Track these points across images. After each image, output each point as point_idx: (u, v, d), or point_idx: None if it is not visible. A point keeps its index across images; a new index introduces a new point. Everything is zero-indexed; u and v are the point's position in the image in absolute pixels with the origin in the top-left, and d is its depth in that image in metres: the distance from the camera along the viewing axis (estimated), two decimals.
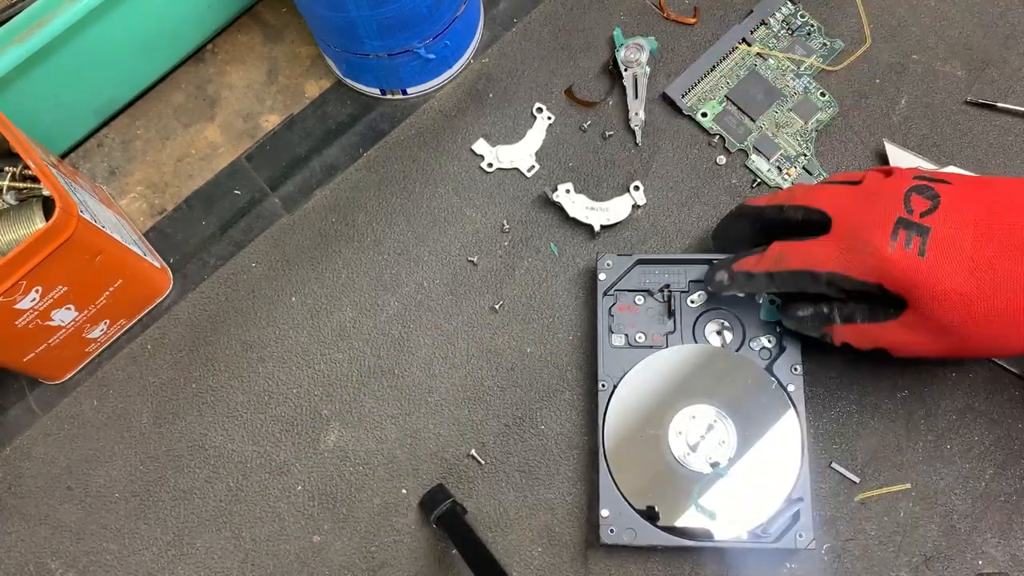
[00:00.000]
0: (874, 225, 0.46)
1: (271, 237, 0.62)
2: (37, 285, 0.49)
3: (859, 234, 0.46)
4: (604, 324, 0.56)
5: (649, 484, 0.53)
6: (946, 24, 0.63)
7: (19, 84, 0.55)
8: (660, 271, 0.57)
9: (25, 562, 0.56)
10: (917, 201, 0.46)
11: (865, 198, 0.48)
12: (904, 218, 0.46)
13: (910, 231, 0.45)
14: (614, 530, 0.52)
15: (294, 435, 0.58)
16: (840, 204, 0.48)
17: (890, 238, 0.45)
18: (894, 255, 0.45)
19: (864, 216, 0.47)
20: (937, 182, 0.47)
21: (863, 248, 0.46)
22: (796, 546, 0.51)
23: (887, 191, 0.47)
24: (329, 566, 0.55)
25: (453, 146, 0.63)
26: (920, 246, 0.45)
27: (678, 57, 0.64)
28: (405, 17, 0.55)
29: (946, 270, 0.45)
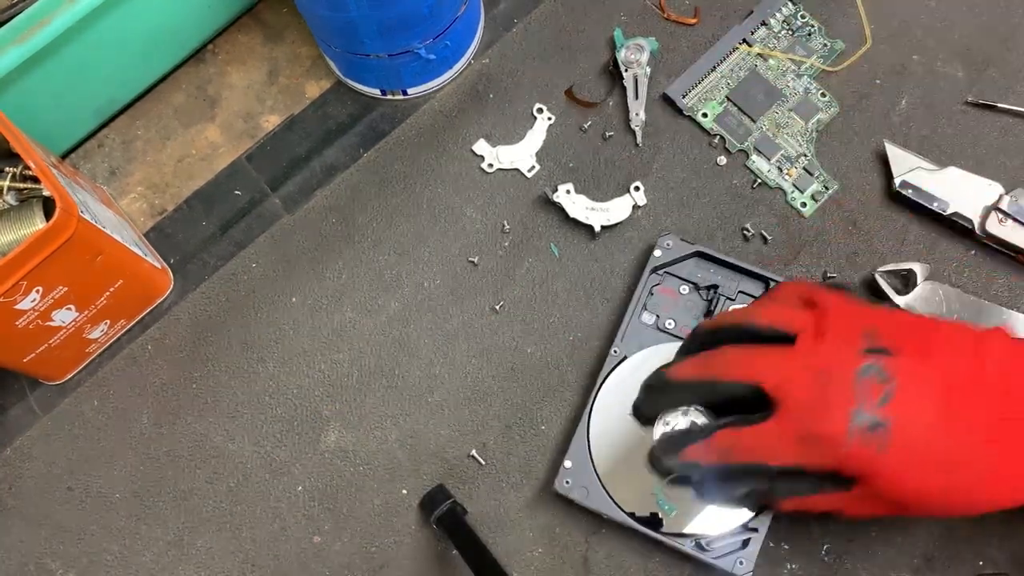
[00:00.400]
0: (829, 418, 0.43)
1: (271, 237, 0.62)
2: (37, 285, 0.49)
3: (813, 426, 0.43)
4: (641, 298, 0.56)
5: (620, 457, 0.53)
6: (946, 25, 0.63)
7: (20, 84, 0.55)
8: (715, 270, 0.57)
9: (25, 562, 0.56)
10: (870, 387, 0.43)
11: (812, 378, 0.44)
12: (859, 410, 0.43)
13: (868, 426, 0.43)
14: (569, 482, 0.53)
15: (294, 435, 0.58)
16: (784, 381, 0.45)
17: (847, 434, 0.43)
18: (852, 451, 0.43)
19: (816, 402, 0.44)
20: (883, 354, 0.44)
21: (818, 442, 0.43)
22: (732, 571, 0.51)
23: (835, 370, 0.44)
24: (329, 566, 0.55)
25: (453, 146, 0.63)
26: (880, 442, 0.43)
27: (678, 57, 0.64)
28: (405, 17, 0.55)
29: (906, 464, 0.43)
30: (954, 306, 0.56)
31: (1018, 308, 0.56)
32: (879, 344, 0.45)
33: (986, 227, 0.57)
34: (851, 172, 0.60)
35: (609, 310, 0.59)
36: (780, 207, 0.60)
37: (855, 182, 0.60)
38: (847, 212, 0.60)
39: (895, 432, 0.43)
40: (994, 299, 0.57)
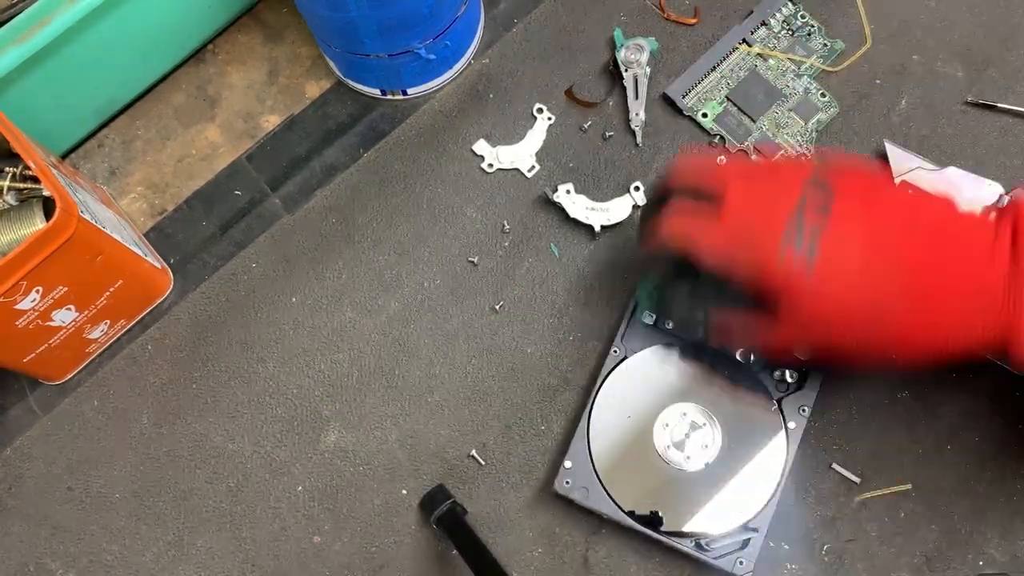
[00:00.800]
0: (766, 229, 0.45)
1: (271, 237, 0.62)
2: (37, 285, 0.49)
3: (751, 232, 0.46)
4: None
5: (620, 457, 0.54)
6: (946, 25, 0.63)
7: (20, 84, 0.55)
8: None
9: (25, 562, 0.56)
10: (808, 214, 0.45)
11: (758, 190, 0.47)
12: (795, 232, 0.45)
13: (797, 245, 0.45)
14: (569, 482, 0.53)
15: (294, 435, 0.58)
16: (732, 183, 0.47)
17: (779, 249, 0.45)
18: (782, 268, 0.45)
19: (756, 216, 0.46)
20: (827, 191, 0.46)
21: (753, 249, 0.46)
22: (732, 570, 0.51)
23: (783, 181, 0.47)
24: (329, 566, 0.55)
25: (453, 146, 0.63)
26: (807, 262, 0.45)
27: (678, 57, 0.64)
28: (405, 17, 0.55)
29: (827, 288, 0.45)
30: None
31: None
32: (824, 180, 0.47)
33: None
34: None
35: (609, 310, 0.59)
36: None
37: None
38: None
39: (822, 257, 0.45)
40: None
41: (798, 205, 0.45)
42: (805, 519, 0.54)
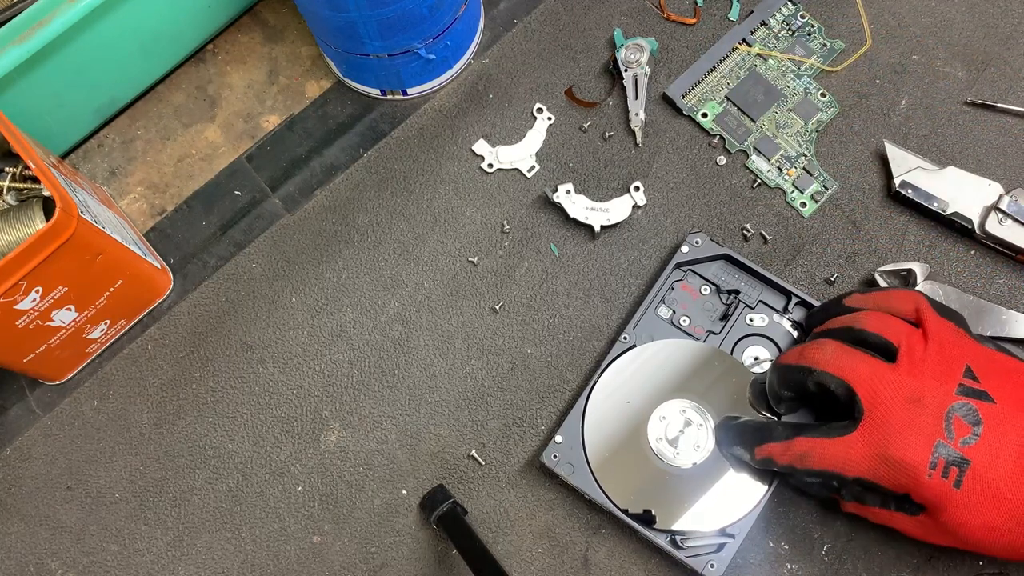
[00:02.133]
0: (912, 445, 0.45)
1: (271, 237, 0.62)
2: (37, 285, 0.49)
3: (895, 451, 0.45)
4: (659, 292, 0.57)
5: (610, 443, 0.54)
6: (946, 25, 0.63)
7: (19, 84, 0.55)
8: (739, 276, 0.57)
9: (25, 562, 0.56)
10: (959, 424, 0.45)
11: (905, 402, 0.45)
12: (944, 443, 0.44)
13: (949, 461, 0.44)
14: (557, 456, 0.53)
15: (294, 436, 0.58)
16: (876, 395, 0.46)
17: (928, 464, 0.44)
18: (931, 482, 0.44)
19: (903, 429, 0.45)
20: (980, 398, 0.45)
21: (898, 467, 0.45)
22: (702, 572, 0.51)
23: (929, 400, 0.45)
24: (329, 567, 0.55)
25: (453, 146, 0.63)
26: (957, 477, 0.44)
27: (678, 57, 0.64)
28: (405, 17, 0.55)
29: (979, 505, 0.44)
30: (953, 306, 0.56)
31: (1018, 308, 0.56)
32: (977, 386, 0.46)
33: (986, 227, 0.57)
34: (851, 172, 0.61)
35: (609, 310, 0.59)
36: (780, 207, 0.60)
37: (855, 182, 0.60)
38: (847, 212, 0.60)
39: (974, 472, 0.44)
40: (994, 299, 0.57)
41: (944, 421, 0.45)
42: (805, 519, 0.54)
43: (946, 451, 0.44)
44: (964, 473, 0.44)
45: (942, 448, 0.44)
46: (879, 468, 0.45)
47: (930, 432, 0.45)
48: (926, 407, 0.45)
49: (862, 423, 0.46)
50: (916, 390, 0.46)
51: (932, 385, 0.46)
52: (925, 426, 0.45)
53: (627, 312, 0.58)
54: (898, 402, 0.45)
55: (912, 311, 0.49)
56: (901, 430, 0.45)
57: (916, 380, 0.46)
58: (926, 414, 0.45)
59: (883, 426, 0.45)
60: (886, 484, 0.46)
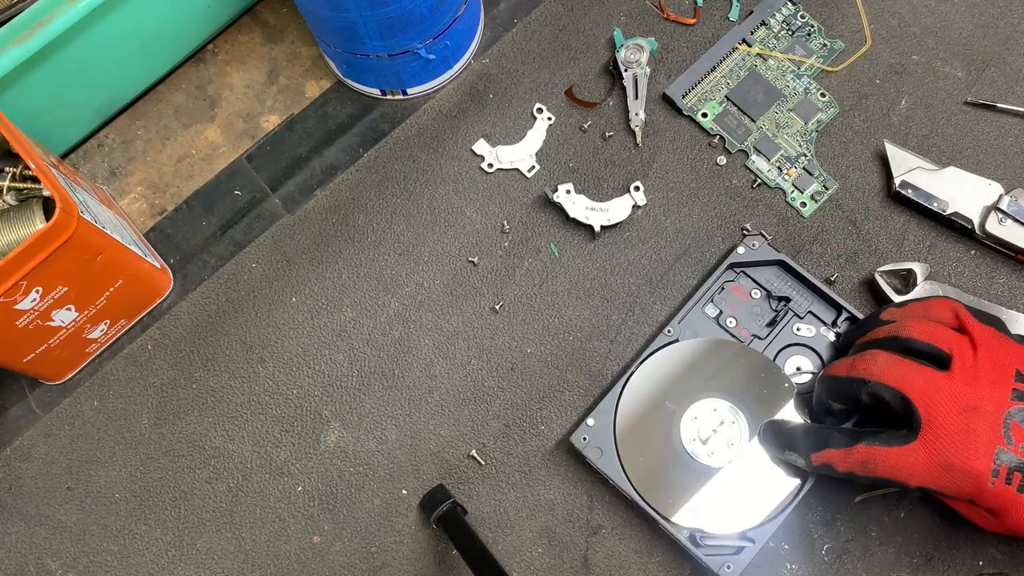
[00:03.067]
0: (973, 452, 0.45)
1: (271, 237, 0.62)
2: (37, 285, 0.49)
3: (956, 459, 0.45)
4: (710, 290, 0.57)
5: (641, 432, 0.54)
6: (946, 25, 0.63)
7: (19, 84, 0.55)
8: (791, 284, 0.57)
9: (25, 562, 0.56)
10: (1017, 430, 0.45)
11: (961, 409, 0.46)
12: (1004, 450, 0.45)
13: (1011, 467, 0.44)
14: (587, 439, 0.54)
15: (294, 436, 0.58)
16: (933, 406, 0.46)
17: (991, 472, 0.45)
18: (994, 489, 0.45)
19: (961, 437, 0.45)
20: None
21: (960, 475, 0.45)
22: (718, 571, 0.51)
23: (985, 406, 0.45)
24: (329, 567, 0.55)
25: (453, 146, 0.63)
26: (1021, 482, 0.44)
27: (678, 57, 0.64)
28: (405, 17, 0.55)
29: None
30: None
31: (1018, 308, 0.57)
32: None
33: (986, 227, 0.57)
34: (851, 172, 0.61)
35: (609, 310, 0.59)
36: (780, 207, 0.60)
37: (855, 182, 0.60)
38: (847, 212, 0.60)
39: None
40: (994, 299, 0.57)
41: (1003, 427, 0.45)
42: (805, 519, 0.54)
43: (1008, 457, 0.44)
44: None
45: (1004, 455, 0.45)
46: (941, 477, 0.46)
47: (990, 439, 0.45)
48: (984, 414, 0.45)
49: (922, 433, 0.46)
50: (972, 398, 0.46)
51: (987, 392, 0.46)
52: (984, 433, 0.45)
53: (627, 312, 0.58)
54: (955, 410, 0.46)
55: (952, 317, 0.50)
56: (961, 438, 0.45)
57: (971, 387, 0.46)
58: (984, 421, 0.45)
59: (943, 435, 0.46)
60: (949, 491, 0.46)
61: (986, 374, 0.46)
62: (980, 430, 0.45)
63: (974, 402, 0.46)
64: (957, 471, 0.45)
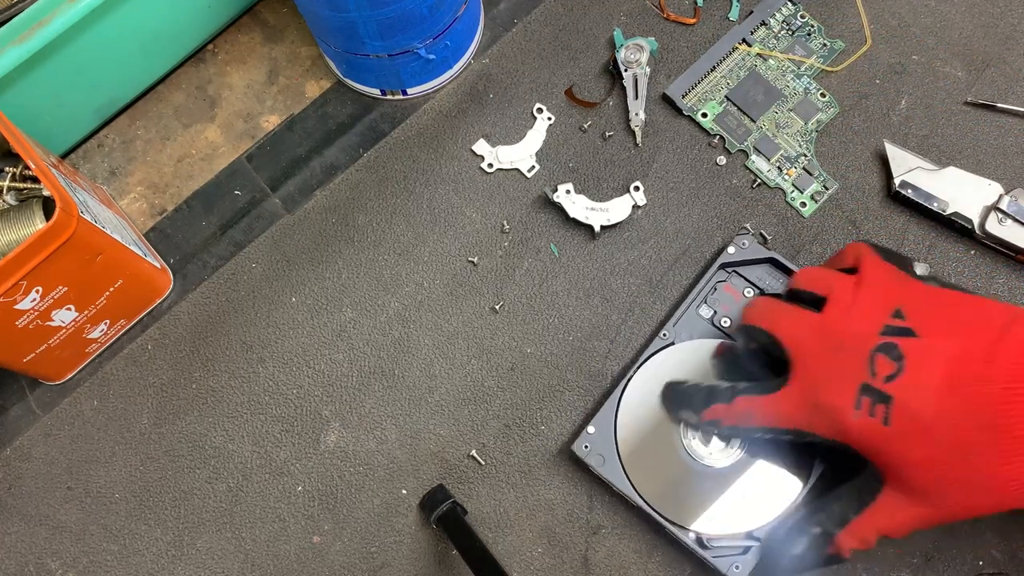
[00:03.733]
0: (837, 389, 0.45)
1: (271, 237, 0.62)
2: (37, 285, 0.49)
3: (821, 396, 0.45)
4: (703, 292, 0.57)
5: (642, 438, 0.54)
6: (946, 25, 0.63)
7: (19, 84, 0.55)
8: (783, 281, 0.57)
9: (25, 562, 0.56)
10: (882, 363, 0.44)
11: (828, 348, 0.46)
12: (868, 384, 0.44)
13: (873, 399, 0.44)
14: (588, 447, 0.54)
15: (294, 435, 0.58)
16: (802, 345, 0.46)
17: (853, 405, 0.44)
18: (857, 423, 0.44)
19: (826, 374, 0.45)
20: (904, 334, 0.45)
21: (826, 412, 0.45)
22: (726, 572, 0.51)
23: (852, 344, 0.45)
24: (329, 567, 0.55)
25: (453, 146, 0.63)
26: (884, 414, 0.44)
27: (678, 57, 0.64)
28: (405, 17, 0.55)
29: (911, 438, 0.43)
30: None
31: None
32: (903, 324, 0.45)
33: (986, 227, 0.57)
34: (851, 172, 0.61)
35: (609, 310, 0.59)
36: (780, 207, 0.60)
37: (855, 182, 0.60)
38: (847, 212, 0.60)
39: (898, 406, 0.43)
40: (993, 299, 0.57)
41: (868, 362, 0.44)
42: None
43: (870, 390, 0.44)
44: (890, 409, 0.43)
45: (866, 389, 0.44)
46: (812, 417, 0.45)
47: (854, 374, 0.44)
48: (850, 350, 0.45)
49: (791, 375, 0.46)
50: (839, 335, 0.46)
51: (856, 328, 0.46)
52: (847, 368, 0.45)
53: (627, 312, 0.58)
54: (821, 348, 0.46)
55: (853, 259, 0.50)
56: (825, 375, 0.45)
57: (841, 325, 0.46)
58: (850, 357, 0.45)
59: (809, 374, 0.46)
60: (822, 433, 0.46)
61: (860, 311, 0.46)
62: (843, 365, 0.45)
63: (840, 339, 0.45)
64: (823, 408, 0.45)
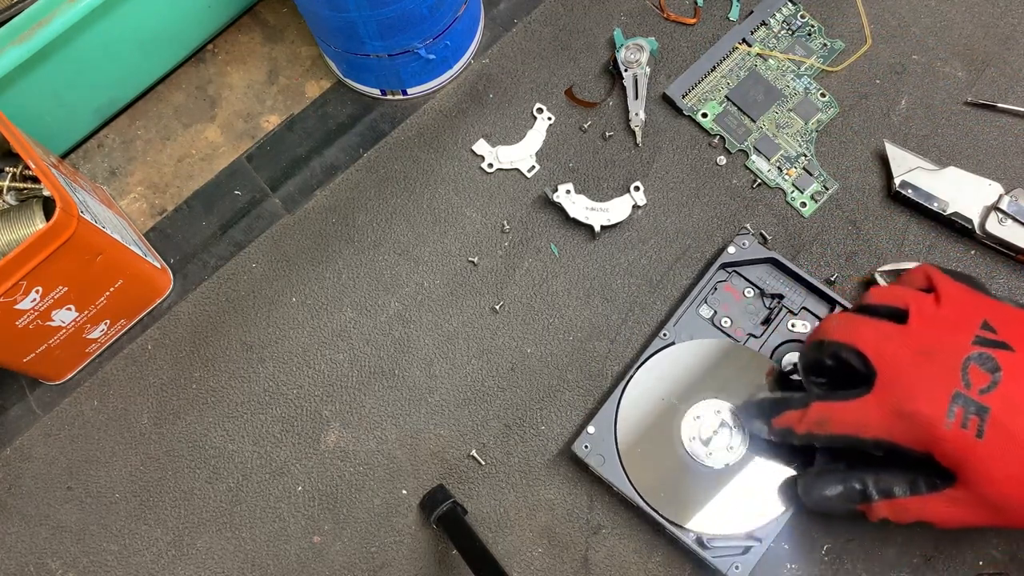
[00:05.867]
0: (928, 397, 0.43)
1: (271, 237, 0.62)
2: (37, 285, 0.49)
3: (910, 404, 0.43)
4: (703, 291, 0.57)
5: (642, 438, 0.54)
6: (946, 25, 0.63)
7: (19, 84, 0.55)
8: (783, 281, 0.57)
9: (25, 562, 0.56)
10: (976, 373, 0.43)
11: (916, 356, 0.44)
12: (961, 393, 0.42)
13: (968, 409, 0.42)
14: (588, 447, 0.53)
15: (294, 435, 0.58)
16: (887, 354, 0.45)
17: (946, 415, 0.42)
18: (949, 433, 0.42)
19: (916, 381, 0.43)
20: (998, 347, 0.43)
21: (914, 420, 0.43)
22: (727, 572, 0.51)
23: (943, 352, 0.44)
24: (329, 567, 0.55)
25: (453, 146, 0.63)
26: (978, 426, 0.42)
27: (678, 57, 0.64)
28: (405, 17, 0.55)
29: (1005, 455, 0.42)
30: None
31: None
32: (994, 336, 0.44)
33: (986, 227, 0.57)
34: (851, 172, 0.61)
35: (609, 310, 0.59)
36: (780, 207, 0.60)
37: (855, 182, 0.60)
38: (847, 212, 0.60)
39: (994, 420, 0.42)
40: None
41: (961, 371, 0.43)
42: (805, 519, 0.54)
43: (964, 400, 0.42)
44: (985, 422, 0.42)
45: (960, 398, 0.42)
46: (895, 425, 0.44)
47: (946, 382, 0.43)
48: (939, 358, 0.43)
49: (876, 383, 0.44)
50: (928, 343, 0.44)
51: (946, 338, 0.44)
52: (939, 377, 0.43)
53: (627, 312, 0.58)
54: (908, 356, 0.44)
55: (924, 280, 0.49)
56: (914, 383, 0.43)
57: (927, 335, 0.44)
58: (940, 365, 0.43)
59: (896, 382, 0.44)
60: (905, 442, 0.44)
61: (947, 322, 0.45)
62: (934, 374, 0.43)
63: (928, 347, 0.44)
64: (910, 417, 0.43)
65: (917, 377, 0.44)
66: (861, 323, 0.47)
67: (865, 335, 0.46)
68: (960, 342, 0.44)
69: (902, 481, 0.46)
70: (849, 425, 0.46)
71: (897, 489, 0.46)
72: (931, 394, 0.43)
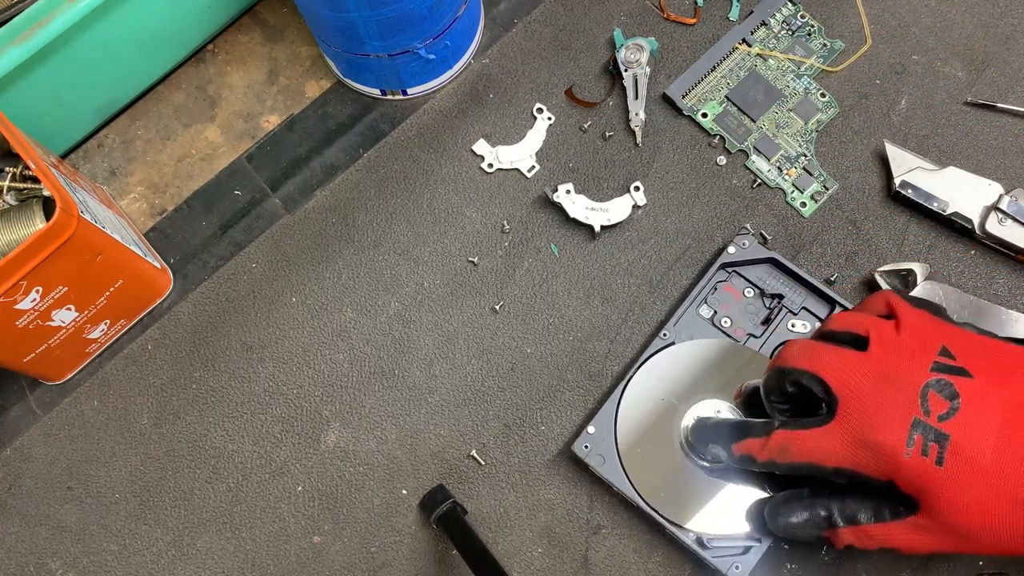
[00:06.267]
0: (888, 425, 0.43)
1: (271, 237, 0.62)
2: (37, 285, 0.49)
3: (871, 433, 0.43)
4: (703, 291, 0.57)
5: (642, 438, 0.54)
6: (946, 25, 0.63)
7: (19, 84, 0.55)
8: (783, 281, 0.57)
9: (25, 562, 0.56)
10: (935, 400, 0.43)
11: (877, 384, 0.44)
12: (921, 420, 0.42)
13: (927, 436, 0.42)
14: (588, 447, 0.53)
15: (294, 435, 0.58)
16: (848, 383, 0.45)
17: (905, 443, 0.42)
18: (910, 461, 0.42)
19: (877, 410, 0.43)
20: (957, 373, 0.43)
21: (875, 449, 0.43)
22: (727, 572, 0.51)
23: (902, 379, 0.44)
24: (329, 567, 0.55)
25: (453, 146, 0.63)
26: (938, 454, 0.42)
27: (678, 57, 0.64)
28: (405, 17, 0.55)
29: (965, 481, 0.42)
30: (954, 306, 0.56)
31: (1018, 308, 0.56)
32: (953, 363, 0.44)
33: (986, 227, 0.57)
34: (851, 172, 0.61)
35: (609, 310, 0.59)
36: (780, 207, 0.60)
37: (855, 182, 0.60)
38: (847, 212, 0.60)
39: (954, 447, 0.42)
40: (994, 299, 0.57)
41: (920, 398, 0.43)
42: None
43: (924, 428, 0.42)
44: (945, 449, 0.42)
45: (919, 425, 0.42)
46: (858, 453, 0.44)
47: (905, 410, 0.43)
48: (899, 386, 0.44)
49: (838, 411, 0.45)
50: (888, 370, 0.44)
51: (905, 365, 0.44)
52: (899, 404, 0.43)
53: (627, 312, 0.58)
54: (870, 384, 0.44)
55: (884, 307, 0.49)
56: (875, 411, 0.44)
57: (888, 362, 0.45)
58: (900, 393, 0.43)
59: (857, 410, 0.44)
60: (867, 471, 0.44)
61: (906, 349, 0.45)
62: (895, 402, 0.43)
63: (890, 375, 0.44)
64: (872, 446, 0.43)
65: (878, 405, 0.44)
66: (823, 351, 0.46)
67: (827, 363, 0.46)
68: (918, 369, 0.44)
69: (867, 508, 0.46)
70: (811, 453, 0.45)
71: (862, 516, 0.46)
72: (891, 422, 0.43)
